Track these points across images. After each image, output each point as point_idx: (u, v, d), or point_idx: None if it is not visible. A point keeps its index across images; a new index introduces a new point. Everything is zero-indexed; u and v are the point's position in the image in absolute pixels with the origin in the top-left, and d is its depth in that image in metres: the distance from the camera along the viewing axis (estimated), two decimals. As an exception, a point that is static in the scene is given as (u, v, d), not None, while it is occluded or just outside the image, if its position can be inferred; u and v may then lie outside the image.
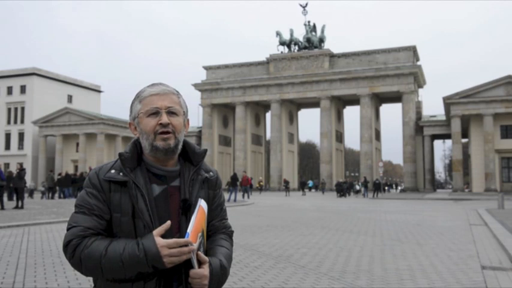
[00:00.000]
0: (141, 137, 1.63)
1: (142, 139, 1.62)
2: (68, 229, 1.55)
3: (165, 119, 1.58)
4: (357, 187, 46.81)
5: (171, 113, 1.60)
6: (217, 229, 1.73)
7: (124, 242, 1.49)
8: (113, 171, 1.59)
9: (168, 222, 1.51)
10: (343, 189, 40.65)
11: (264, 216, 16.57)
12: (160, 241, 1.46)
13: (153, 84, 1.67)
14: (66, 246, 1.52)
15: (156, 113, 1.59)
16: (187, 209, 1.60)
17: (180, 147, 1.64)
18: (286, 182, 45.06)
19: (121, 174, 1.57)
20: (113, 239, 1.53)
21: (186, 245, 1.46)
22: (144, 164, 1.62)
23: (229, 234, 1.78)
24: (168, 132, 1.58)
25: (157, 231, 1.49)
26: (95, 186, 1.58)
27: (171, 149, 1.59)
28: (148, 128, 1.59)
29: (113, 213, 1.56)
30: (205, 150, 1.72)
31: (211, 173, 1.72)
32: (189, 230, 1.49)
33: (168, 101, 1.61)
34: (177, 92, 1.68)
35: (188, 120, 1.70)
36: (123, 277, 1.49)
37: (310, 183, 60.88)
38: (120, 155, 1.61)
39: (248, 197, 31.85)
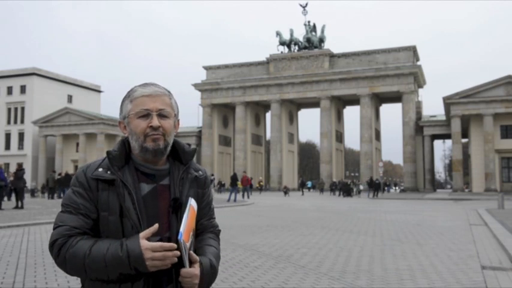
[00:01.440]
0: (130, 137, 1.61)
1: (131, 139, 1.60)
2: (54, 228, 1.54)
3: (155, 122, 1.56)
4: (361, 187, 46.62)
5: (162, 115, 1.58)
6: (206, 228, 1.73)
7: (109, 242, 1.48)
8: (100, 169, 1.57)
9: (156, 225, 1.49)
10: (349, 189, 40.58)
11: (264, 216, 16.56)
12: (144, 243, 1.44)
13: (145, 84, 1.64)
14: (51, 245, 1.51)
15: (146, 115, 1.57)
16: (178, 208, 1.58)
17: (169, 149, 1.62)
18: (286, 188, 44.99)
19: (109, 172, 1.55)
20: (98, 238, 1.51)
21: (171, 250, 1.44)
22: (132, 163, 1.61)
23: (217, 233, 1.78)
24: (158, 135, 1.57)
25: (143, 234, 1.47)
26: (82, 184, 1.56)
27: (161, 150, 1.58)
28: (138, 130, 1.57)
29: (100, 212, 1.54)
30: (195, 149, 1.71)
31: (200, 172, 1.71)
32: (181, 229, 1.48)
33: (159, 102, 1.59)
34: (169, 92, 1.66)
35: (178, 120, 1.69)
36: (106, 278, 1.47)
37: (309, 183, 61.16)
38: (108, 153, 1.59)
39: (248, 197, 31.86)
